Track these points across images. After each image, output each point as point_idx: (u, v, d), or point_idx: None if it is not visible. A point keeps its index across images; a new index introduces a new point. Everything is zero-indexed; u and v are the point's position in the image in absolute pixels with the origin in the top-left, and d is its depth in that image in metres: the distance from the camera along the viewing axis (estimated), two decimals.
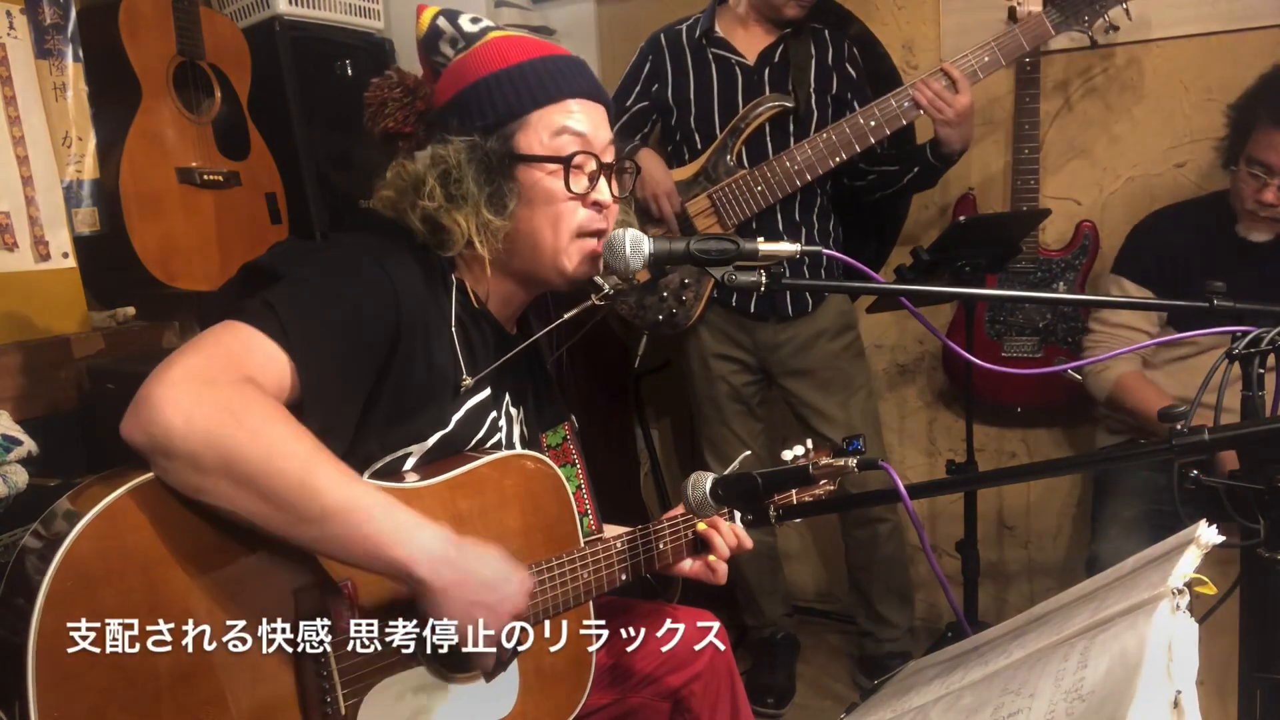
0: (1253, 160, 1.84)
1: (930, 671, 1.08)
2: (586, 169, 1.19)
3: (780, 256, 1.10)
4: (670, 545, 1.32)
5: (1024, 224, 2.21)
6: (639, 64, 2.28)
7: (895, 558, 2.38)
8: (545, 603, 1.16)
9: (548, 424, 1.37)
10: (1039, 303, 2.34)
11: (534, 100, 1.17)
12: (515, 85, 1.17)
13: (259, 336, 0.98)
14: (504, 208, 1.15)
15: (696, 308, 2.22)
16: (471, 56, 1.19)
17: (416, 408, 1.13)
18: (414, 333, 1.11)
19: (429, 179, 1.14)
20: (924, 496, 2.50)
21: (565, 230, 1.19)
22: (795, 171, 2.09)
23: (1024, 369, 2.17)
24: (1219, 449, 0.88)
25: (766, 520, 1.21)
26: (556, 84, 1.18)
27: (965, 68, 2.01)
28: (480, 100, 1.17)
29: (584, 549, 1.22)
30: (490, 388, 1.22)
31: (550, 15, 2.84)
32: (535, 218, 1.18)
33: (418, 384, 1.12)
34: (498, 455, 1.17)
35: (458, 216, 1.14)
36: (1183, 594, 0.74)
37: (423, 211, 1.15)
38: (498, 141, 1.16)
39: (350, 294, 1.07)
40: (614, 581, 1.25)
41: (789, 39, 2.18)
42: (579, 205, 1.19)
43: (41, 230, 1.62)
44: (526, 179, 1.17)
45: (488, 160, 1.15)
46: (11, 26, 1.58)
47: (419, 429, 1.13)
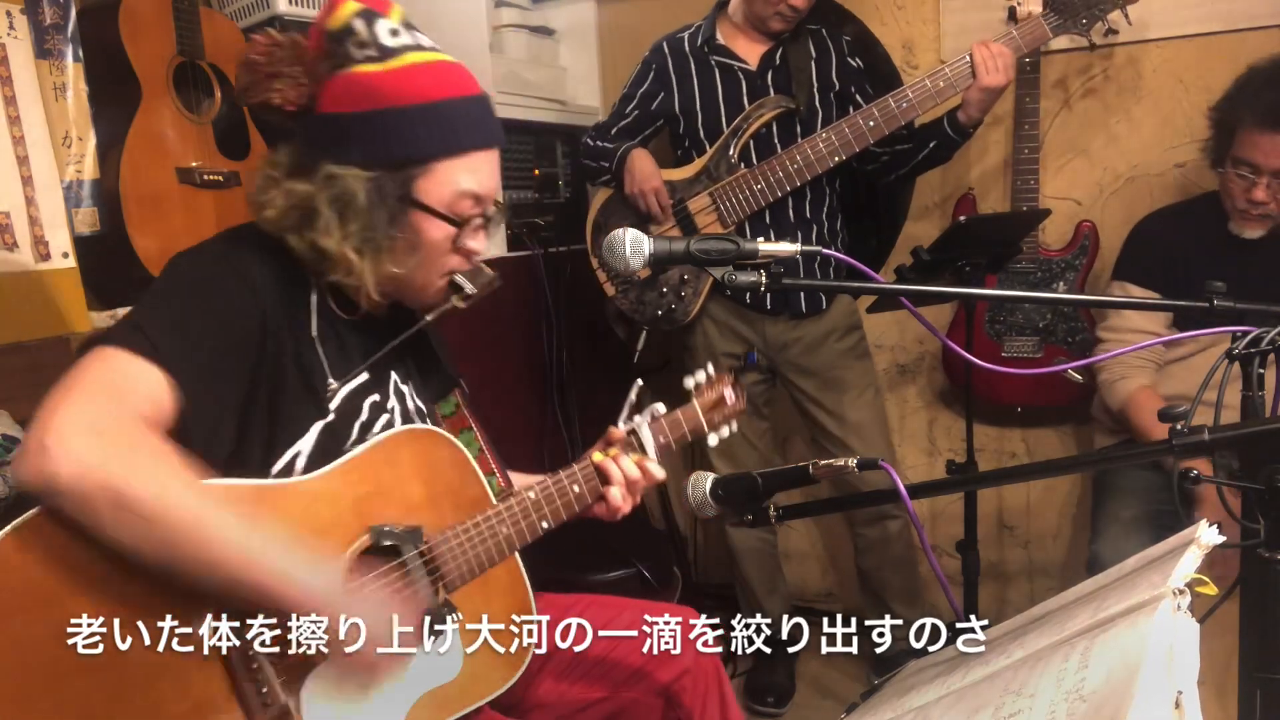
0: (1239, 161, 1.84)
1: (931, 671, 1.08)
2: (473, 225, 1.19)
3: (779, 257, 1.11)
4: (586, 487, 1.32)
5: (1024, 224, 2.21)
6: (642, 73, 2.29)
7: (906, 555, 2.38)
8: (470, 562, 1.19)
9: (437, 395, 1.38)
10: (1039, 303, 2.34)
11: (445, 148, 1.14)
12: (429, 127, 1.12)
13: (133, 360, 1.00)
14: (396, 255, 1.14)
15: (695, 303, 2.24)
16: (388, 78, 1.11)
17: (293, 403, 1.14)
18: (279, 336, 1.12)
19: (323, 209, 1.11)
20: (924, 496, 2.51)
21: (435, 274, 1.20)
22: (795, 170, 2.11)
23: (1024, 369, 2.18)
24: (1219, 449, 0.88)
25: (766, 520, 1.21)
26: (469, 134, 1.16)
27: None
28: (389, 132, 1.11)
29: (497, 507, 1.24)
30: (367, 371, 1.23)
31: (550, 15, 2.84)
32: (412, 258, 1.17)
33: (290, 381, 1.13)
34: (383, 436, 1.18)
35: (349, 252, 1.12)
36: (1183, 594, 0.74)
37: (312, 241, 1.12)
38: (399, 183, 1.12)
39: (213, 301, 1.08)
40: (535, 531, 1.27)
41: (787, 43, 2.20)
42: (455, 253, 1.20)
43: (41, 230, 1.62)
44: (416, 223, 1.15)
45: (384, 197, 1.12)
46: (11, 26, 1.57)
47: (300, 424, 1.14)
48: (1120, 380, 2.01)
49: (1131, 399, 1.98)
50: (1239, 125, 1.84)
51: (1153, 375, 2.02)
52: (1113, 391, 2.02)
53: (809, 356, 2.29)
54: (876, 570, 2.41)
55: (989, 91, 2.02)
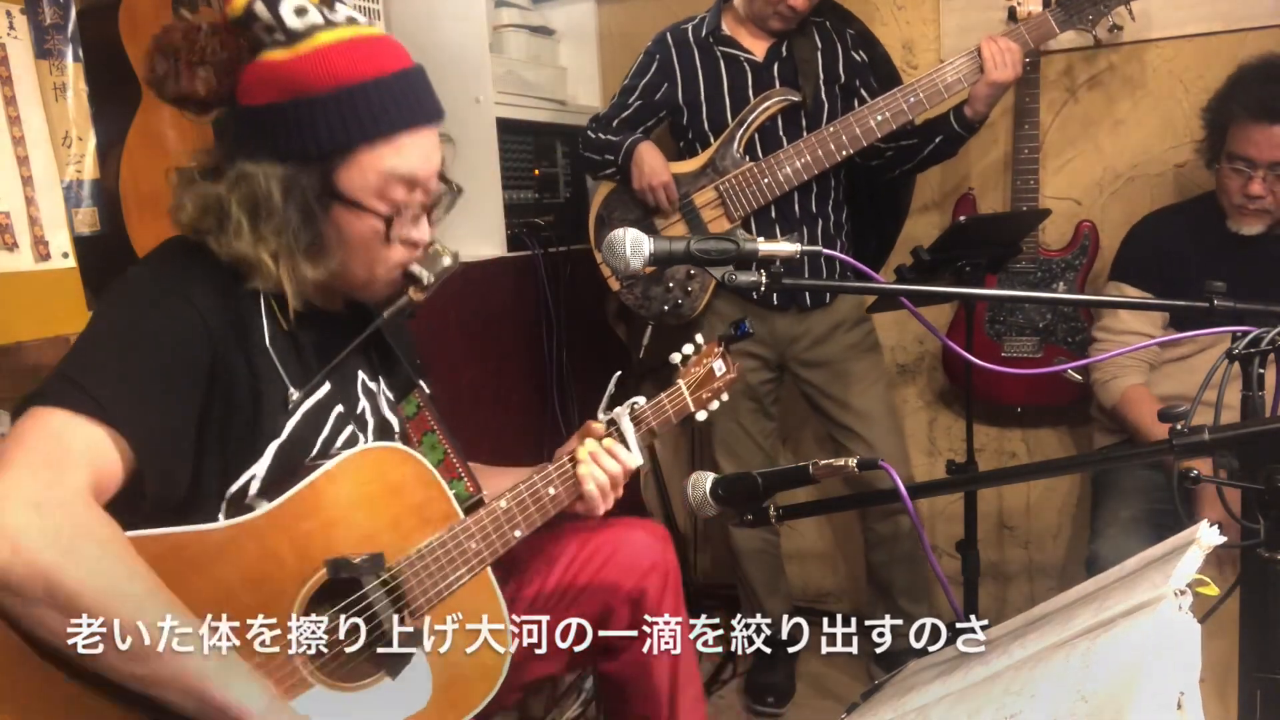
0: (1234, 156, 1.85)
1: (931, 672, 1.08)
2: (408, 214, 1.11)
3: (779, 257, 1.10)
4: (563, 487, 1.26)
5: (1024, 224, 2.21)
6: (645, 64, 2.28)
7: (915, 551, 2.38)
8: (437, 584, 1.13)
9: (398, 395, 1.31)
10: (1039, 303, 2.34)
11: (364, 134, 1.04)
12: (344, 114, 1.03)
13: (72, 420, 0.92)
14: (315, 244, 1.06)
15: (702, 298, 2.23)
16: (297, 64, 1.03)
17: (247, 428, 1.07)
18: (229, 360, 1.05)
19: (234, 210, 1.03)
20: (924, 496, 2.51)
21: (379, 269, 1.12)
22: (803, 165, 2.11)
23: (1024, 369, 2.18)
24: (1219, 449, 0.88)
25: (766, 520, 1.21)
26: (389, 115, 1.05)
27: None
28: (302, 123, 1.02)
29: (464, 520, 1.18)
30: (329, 382, 1.16)
31: (550, 15, 2.84)
32: (348, 255, 1.10)
33: (242, 406, 1.06)
34: (338, 459, 1.10)
35: (265, 257, 1.04)
36: (1184, 594, 0.74)
37: (228, 245, 1.05)
38: (317, 176, 1.04)
39: (154, 338, 1.00)
40: (508, 542, 1.20)
41: (793, 35, 2.20)
42: (397, 244, 1.12)
43: (41, 230, 1.62)
44: (342, 218, 1.07)
45: (303, 193, 1.04)
46: (11, 26, 1.57)
47: (253, 446, 1.07)
48: (1113, 380, 2.02)
49: (1124, 397, 1.99)
50: (1232, 121, 1.85)
51: (1145, 374, 2.03)
52: (1106, 391, 2.04)
53: (818, 349, 2.29)
54: (885, 565, 2.41)
55: (997, 86, 2.02)
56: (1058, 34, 2.06)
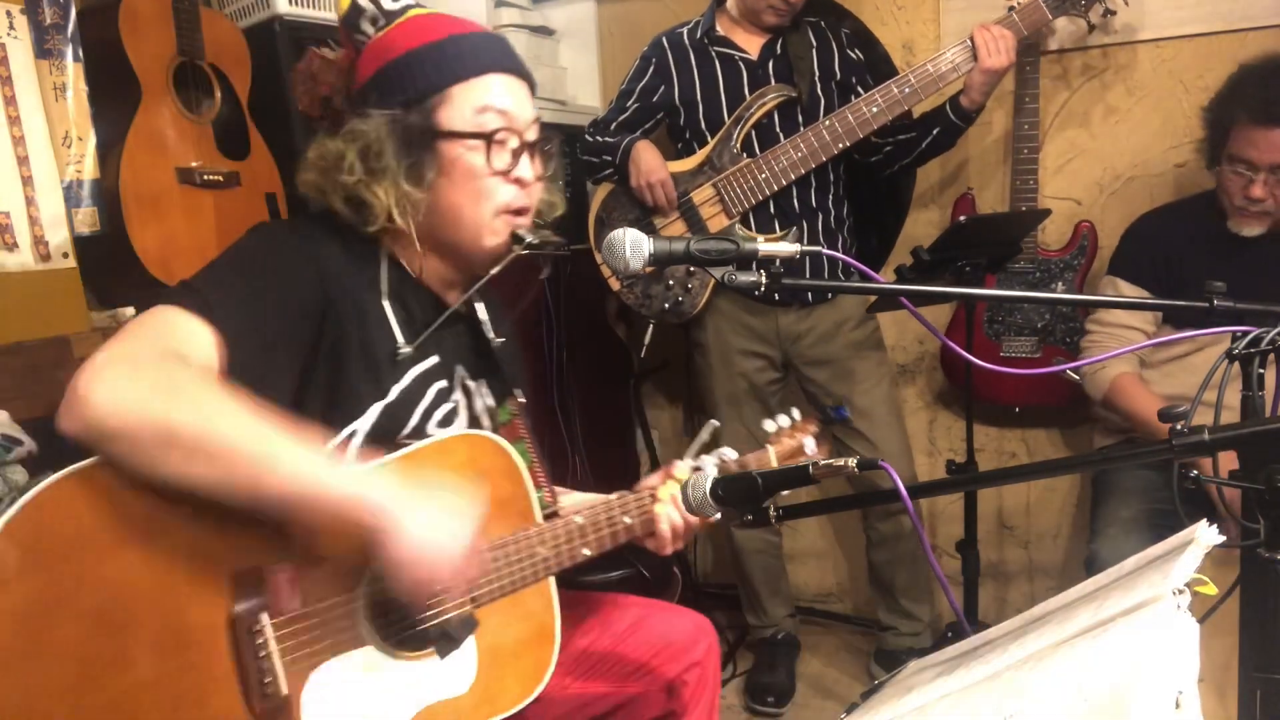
0: (1235, 158, 1.85)
1: (931, 671, 1.08)
2: (509, 145, 1.19)
3: (779, 257, 1.10)
4: (639, 520, 1.29)
5: (1024, 224, 2.21)
6: (642, 68, 2.29)
7: (917, 550, 2.38)
8: (502, 580, 1.15)
9: (495, 400, 1.36)
10: (1039, 303, 2.34)
11: (455, 75, 1.17)
12: (437, 60, 1.17)
13: (181, 314, 1.00)
14: (422, 179, 1.16)
15: (702, 296, 2.24)
16: (393, 33, 1.19)
17: (354, 382, 1.13)
18: (342, 308, 1.12)
19: (349, 154, 1.15)
20: (924, 496, 2.51)
21: (487, 206, 1.20)
22: (799, 158, 2.12)
23: (1023, 369, 2.18)
24: (1219, 449, 0.88)
25: (766, 520, 1.21)
26: (478, 59, 1.18)
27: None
28: (401, 75, 1.16)
29: (540, 526, 1.21)
30: (437, 356, 1.22)
31: (550, 15, 2.84)
32: (457, 193, 1.18)
33: (352, 358, 1.13)
34: (440, 436, 1.16)
35: (377, 190, 1.14)
36: (1183, 594, 0.74)
37: (344, 188, 1.16)
38: (419, 116, 1.16)
39: (271, 271, 1.09)
40: (575, 557, 1.23)
41: (787, 33, 2.20)
42: (501, 181, 1.19)
43: (41, 230, 1.62)
44: (448, 153, 1.17)
45: (408, 134, 1.15)
46: (11, 26, 1.57)
47: (358, 403, 1.13)
48: (1100, 370, 2.02)
49: (1113, 386, 2.00)
50: (1233, 122, 1.85)
51: (1134, 364, 2.03)
52: (1094, 382, 2.04)
53: (822, 347, 2.29)
54: (887, 565, 2.41)
55: (991, 74, 2.02)
56: (1050, 19, 2.06)
